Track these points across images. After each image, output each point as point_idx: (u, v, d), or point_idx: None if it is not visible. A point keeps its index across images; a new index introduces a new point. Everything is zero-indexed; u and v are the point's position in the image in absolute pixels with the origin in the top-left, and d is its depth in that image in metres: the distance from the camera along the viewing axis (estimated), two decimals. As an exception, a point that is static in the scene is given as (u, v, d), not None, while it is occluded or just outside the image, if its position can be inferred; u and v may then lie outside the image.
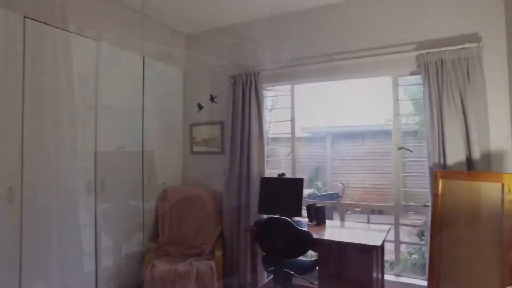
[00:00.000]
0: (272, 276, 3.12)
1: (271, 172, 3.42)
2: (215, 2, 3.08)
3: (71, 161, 2.59)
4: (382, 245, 2.60)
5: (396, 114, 2.93)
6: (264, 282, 3.08)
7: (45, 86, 2.44)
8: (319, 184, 6.39)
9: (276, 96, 3.60)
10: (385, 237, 2.50)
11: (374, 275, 2.34)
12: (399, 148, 2.92)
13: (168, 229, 3.29)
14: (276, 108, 3.70)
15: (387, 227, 2.74)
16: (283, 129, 3.59)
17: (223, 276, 3.02)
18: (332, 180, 6.65)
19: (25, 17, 2.31)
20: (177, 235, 3.29)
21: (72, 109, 2.61)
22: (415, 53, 2.70)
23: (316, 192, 5.75)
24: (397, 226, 2.90)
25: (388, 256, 3.09)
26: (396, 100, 2.93)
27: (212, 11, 3.28)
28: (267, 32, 3.39)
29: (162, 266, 2.78)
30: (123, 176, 3.05)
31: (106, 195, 2.87)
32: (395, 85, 2.93)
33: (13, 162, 2.24)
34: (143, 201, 3.26)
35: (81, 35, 2.69)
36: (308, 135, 7.02)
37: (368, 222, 3.09)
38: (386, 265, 3.01)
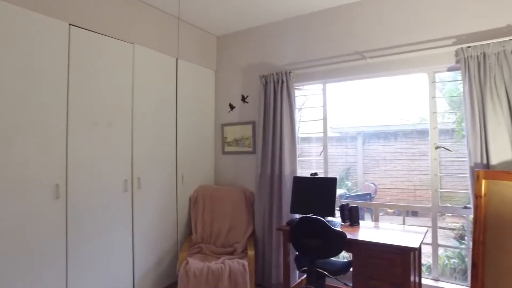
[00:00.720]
0: (304, 276, 3.10)
1: (301, 171, 3.40)
2: (245, 3, 3.11)
3: (108, 160, 2.71)
4: (420, 247, 2.51)
5: (433, 112, 2.82)
6: (296, 282, 3.07)
7: (86, 89, 2.57)
8: (350, 184, 6.29)
9: (305, 96, 3.56)
10: (422, 239, 2.42)
11: (412, 278, 2.27)
12: (437, 147, 2.81)
13: (201, 228, 3.36)
14: (306, 108, 3.68)
15: (423, 229, 2.66)
16: (313, 129, 3.57)
17: (255, 275, 3.04)
18: (363, 180, 6.52)
19: (70, 24, 2.45)
20: (209, 234, 3.35)
21: (109, 110, 2.73)
22: (454, 47, 2.59)
23: (347, 192, 5.65)
24: (434, 228, 2.80)
25: (424, 259, 2.98)
26: (433, 97, 2.82)
27: (242, 12, 3.32)
28: (298, 31, 3.37)
29: (195, 264, 2.84)
30: (158, 175, 3.15)
31: (142, 193, 2.98)
32: (432, 82, 2.82)
33: (60, 160, 2.38)
34: (176, 200, 3.35)
35: (118, 39, 2.81)
36: (338, 134, 6.92)
37: (404, 224, 2.99)
38: (423, 268, 2.90)
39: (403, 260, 2.22)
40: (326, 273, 2.53)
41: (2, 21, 2.08)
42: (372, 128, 6.62)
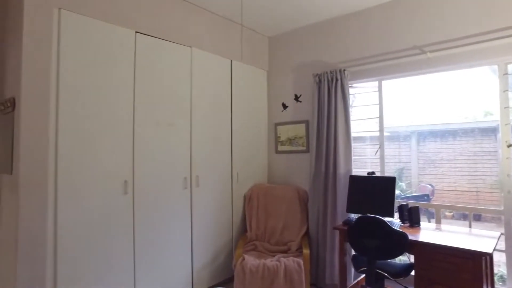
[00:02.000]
0: (360, 277, 3.03)
1: (354, 171, 3.32)
2: (297, 2, 3.12)
3: (170, 158, 2.86)
4: (492, 253, 2.34)
5: (505, 107, 2.61)
6: (352, 283, 3.01)
7: (149, 91, 2.73)
8: (404, 185, 6.01)
9: (353, 94, 3.46)
10: (495, 245, 2.25)
11: (484, 286, 2.12)
12: (509, 145, 2.59)
13: (255, 225, 3.42)
14: (355, 106, 3.57)
15: (494, 233, 2.47)
16: (364, 128, 3.47)
17: (310, 274, 3.03)
18: (418, 181, 6.18)
19: (136, 32, 2.63)
20: (264, 232, 3.40)
21: (170, 111, 2.88)
22: (532, 35, 2.38)
23: (401, 193, 5.40)
24: (508, 233, 2.58)
25: (496, 268, 2.76)
26: (505, 91, 2.61)
27: (294, 11, 3.33)
28: (352, 28, 3.31)
29: (251, 260, 2.89)
30: (214, 173, 3.26)
31: (200, 191, 3.10)
32: (503, 74, 2.62)
33: (127, 158, 2.55)
34: (231, 197, 3.45)
35: (177, 43, 2.95)
36: (388, 134, 6.64)
37: (470, 227, 2.80)
38: (495, 278, 2.69)
39: (474, 266, 2.09)
40: (386, 274, 2.46)
41: (78, 31, 2.29)
42: (428, 126, 6.27)
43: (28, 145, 2.02)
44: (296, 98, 3.69)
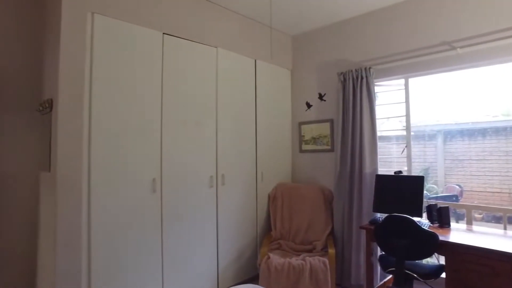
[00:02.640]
0: (387, 278, 2.99)
1: (381, 170, 3.27)
2: (321, 1, 3.10)
3: (196, 157, 2.90)
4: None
5: (541, 103, 2.50)
6: (379, 284, 2.96)
7: (176, 91, 2.78)
8: (431, 185, 5.86)
9: (377, 93, 3.39)
10: (535, 247, 2.16)
11: (522, 290, 2.04)
12: (547, 144, 2.48)
13: (280, 224, 3.42)
14: (379, 105, 3.50)
15: (533, 235, 2.37)
16: (388, 127, 3.41)
17: (335, 273, 3.00)
18: (444, 181, 6.01)
19: (163, 33, 2.70)
20: (288, 231, 3.40)
21: (197, 110, 2.92)
22: None
23: (428, 193, 5.27)
24: (545, 235, 2.47)
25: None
26: (541, 87, 2.50)
27: (318, 10, 3.31)
28: (377, 25, 3.26)
29: (277, 259, 2.90)
30: (239, 172, 3.29)
31: (225, 189, 3.14)
32: (539, 70, 2.51)
33: (156, 157, 2.61)
34: (256, 196, 3.47)
35: (203, 43, 3.00)
36: (412, 133, 6.48)
37: (505, 229, 2.70)
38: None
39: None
40: (415, 275, 2.41)
41: (109, 34, 2.37)
42: (455, 125, 6.07)
43: (64, 144, 2.11)
44: (320, 97, 3.67)
